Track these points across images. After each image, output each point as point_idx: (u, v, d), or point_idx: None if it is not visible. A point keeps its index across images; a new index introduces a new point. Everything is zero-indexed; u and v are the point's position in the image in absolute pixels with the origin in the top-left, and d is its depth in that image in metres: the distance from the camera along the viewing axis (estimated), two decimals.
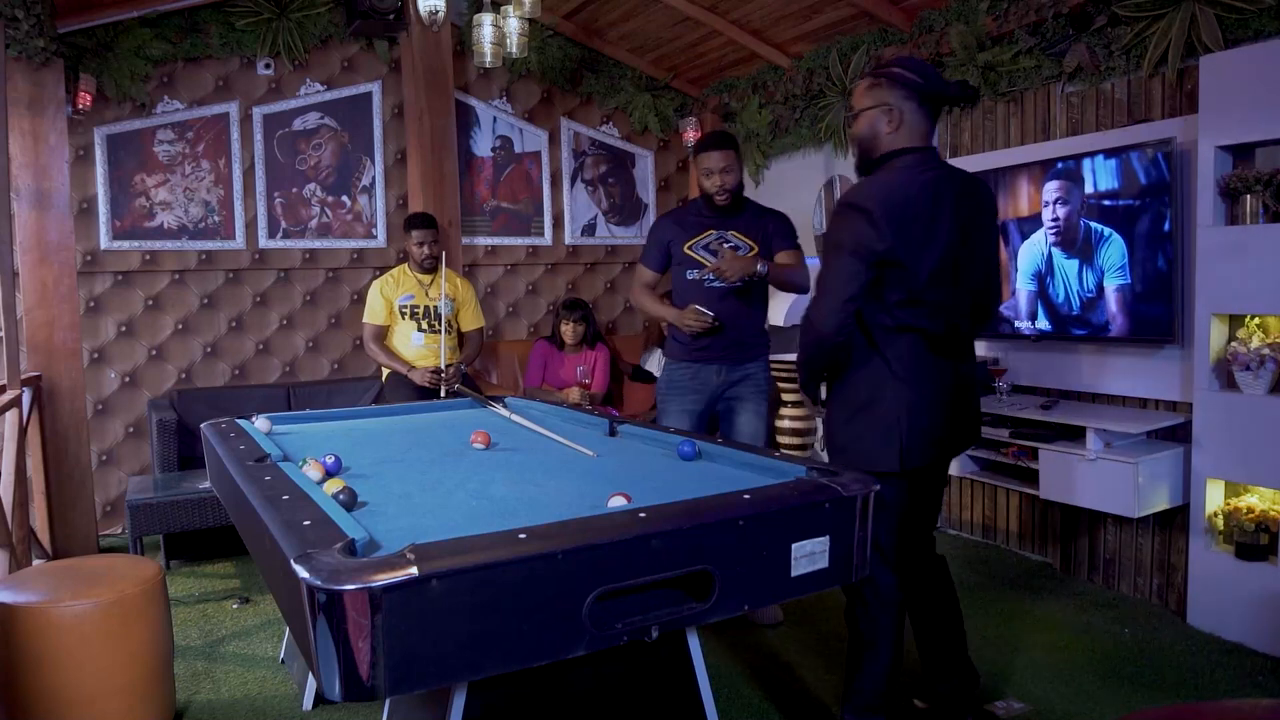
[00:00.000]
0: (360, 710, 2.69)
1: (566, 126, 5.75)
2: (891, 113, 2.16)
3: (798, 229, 3.47)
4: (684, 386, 3.32)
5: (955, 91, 2.23)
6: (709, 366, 3.26)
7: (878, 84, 2.19)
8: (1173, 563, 3.46)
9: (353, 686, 1.38)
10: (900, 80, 2.16)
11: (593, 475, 2.23)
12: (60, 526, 4.20)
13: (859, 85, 2.26)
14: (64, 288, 4.18)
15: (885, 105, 2.17)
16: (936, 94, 2.18)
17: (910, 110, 2.16)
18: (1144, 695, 2.75)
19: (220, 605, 3.65)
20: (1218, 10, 3.11)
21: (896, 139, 2.17)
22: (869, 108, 2.20)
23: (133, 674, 2.49)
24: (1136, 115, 3.50)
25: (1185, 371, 3.34)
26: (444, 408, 3.50)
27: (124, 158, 4.68)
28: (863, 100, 2.22)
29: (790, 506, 1.81)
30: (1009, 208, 3.87)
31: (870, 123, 2.20)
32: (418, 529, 1.76)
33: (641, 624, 1.62)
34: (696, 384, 3.30)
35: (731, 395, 3.31)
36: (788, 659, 3.03)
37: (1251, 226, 3.02)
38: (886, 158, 2.19)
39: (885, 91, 2.17)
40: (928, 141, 2.22)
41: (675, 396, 3.33)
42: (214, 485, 2.81)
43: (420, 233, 4.31)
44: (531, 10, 3.70)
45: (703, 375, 3.28)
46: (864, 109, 2.21)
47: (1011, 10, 3.76)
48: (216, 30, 4.71)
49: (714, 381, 3.28)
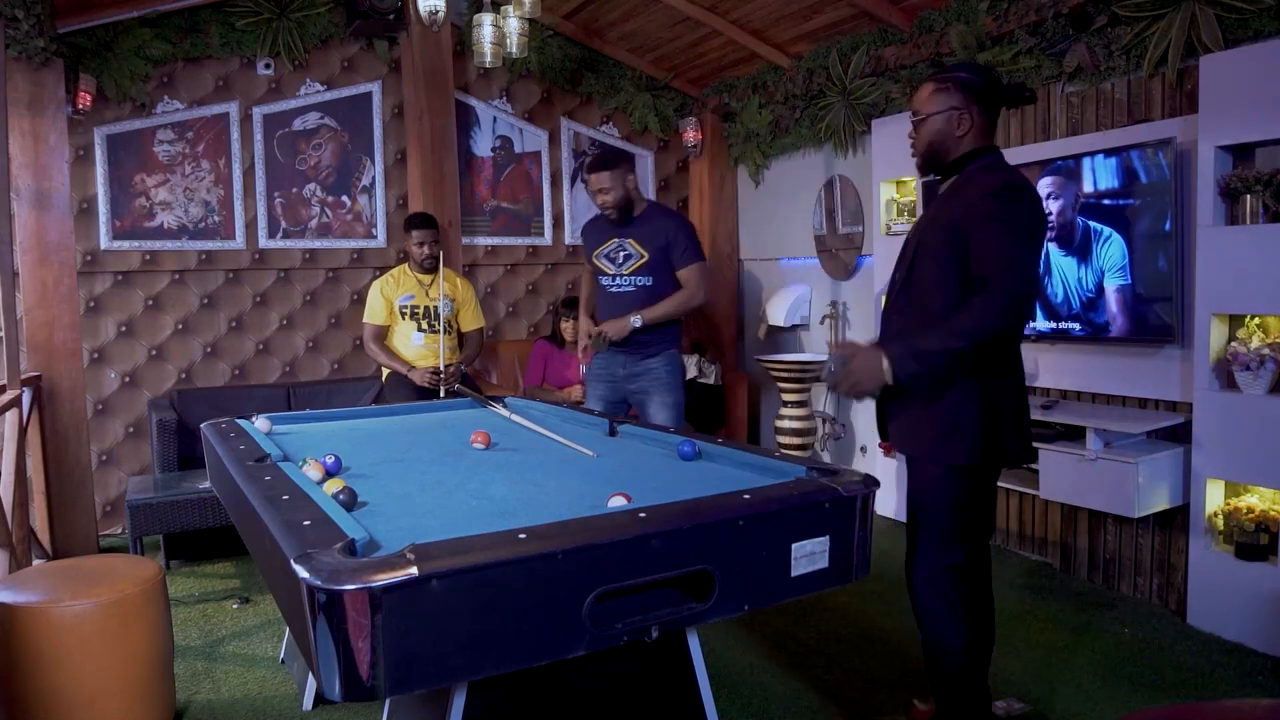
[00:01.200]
0: (360, 710, 2.69)
1: (566, 126, 5.75)
2: (962, 116, 2.24)
3: (797, 229, 3.48)
4: (598, 375, 3.70)
5: (1014, 94, 2.29)
6: (617, 357, 3.65)
7: (944, 88, 2.26)
8: (1173, 563, 3.46)
9: (353, 686, 1.38)
10: (967, 84, 2.24)
11: (593, 475, 2.23)
12: (60, 526, 4.20)
13: (923, 89, 2.31)
14: (64, 288, 4.18)
15: (954, 109, 2.24)
16: (996, 97, 2.26)
17: (977, 113, 2.24)
18: (1144, 695, 2.75)
19: (220, 605, 3.65)
20: (1218, 10, 3.10)
21: (972, 140, 2.25)
22: (938, 111, 2.26)
23: (133, 674, 2.49)
24: (1136, 115, 3.50)
25: (1185, 371, 3.34)
26: (444, 408, 3.50)
27: (124, 158, 4.68)
28: (931, 105, 2.28)
29: (790, 506, 1.81)
30: None
31: (941, 126, 2.27)
32: (418, 529, 1.76)
33: (641, 624, 1.62)
34: (607, 374, 3.68)
35: (637, 388, 3.65)
36: (788, 659, 3.03)
37: (1251, 226, 3.02)
38: (969, 157, 2.26)
39: (952, 95, 2.24)
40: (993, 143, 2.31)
41: (593, 383, 3.73)
42: (214, 485, 2.81)
43: (420, 233, 4.31)
44: (531, 10, 3.70)
45: (612, 366, 3.66)
46: (933, 113, 2.27)
47: (1011, 10, 3.76)
48: (216, 30, 4.71)
49: (620, 373, 3.65)
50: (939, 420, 2.21)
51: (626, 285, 3.62)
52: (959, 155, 2.26)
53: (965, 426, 2.18)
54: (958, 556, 2.26)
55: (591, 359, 3.67)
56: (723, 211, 5.92)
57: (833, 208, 5.14)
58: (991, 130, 2.29)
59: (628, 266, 3.60)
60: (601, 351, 3.61)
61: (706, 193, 5.87)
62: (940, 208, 2.28)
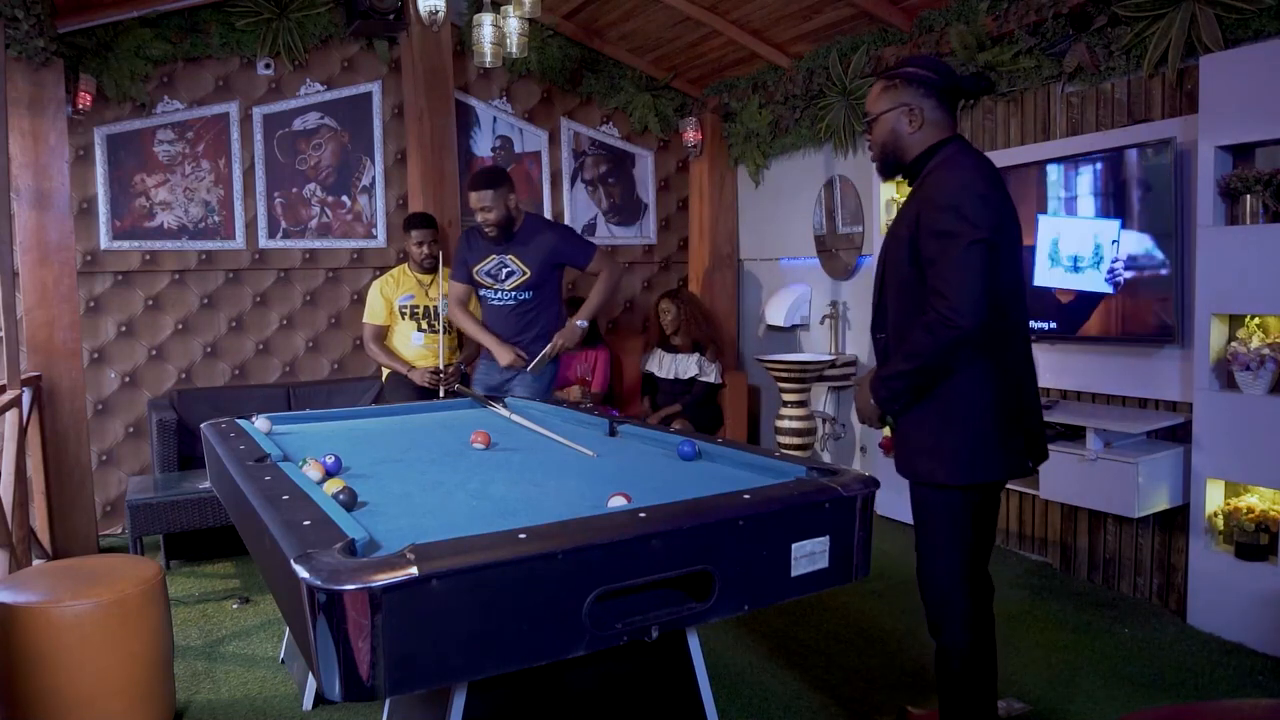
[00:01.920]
0: (360, 710, 2.69)
1: (566, 126, 5.75)
2: (912, 112, 2.13)
3: (797, 229, 3.48)
4: (481, 383, 3.89)
5: (970, 85, 2.20)
6: (496, 364, 3.83)
7: (892, 85, 2.16)
8: (1173, 563, 3.46)
9: (353, 686, 1.38)
10: (915, 79, 2.13)
11: (593, 475, 2.23)
12: (60, 526, 4.20)
13: (873, 89, 2.22)
14: (64, 288, 4.18)
15: (904, 105, 2.14)
16: (952, 88, 2.15)
17: (930, 107, 2.13)
18: (1144, 695, 2.75)
19: (220, 605, 3.65)
20: (1218, 10, 3.10)
21: (924, 137, 2.14)
22: (887, 110, 2.17)
23: (133, 674, 2.49)
24: (1136, 115, 3.50)
25: (1185, 371, 3.34)
26: (444, 408, 3.50)
27: (124, 158, 4.68)
28: (879, 104, 2.18)
29: (790, 506, 1.81)
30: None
31: (891, 125, 2.17)
32: (418, 529, 1.76)
33: (641, 624, 1.62)
34: (489, 380, 3.87)
35: (511, 384, 3.83)
36: (788, 659, 3.03)
37: (1251, 226, 3.02)
38: (928, 154, 2.14)
39: (901, 92, 2.14)
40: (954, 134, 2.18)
41: (478, 387, 3.87)
42: (214, 485, 2.81)
43: (420, 232, 4.32)
44: (531, 10, 3.70)
45: (492, 372, 3.87)
46: (882, 112, 2.18)
47: (1011, 10, 3.76)
48: (216, 30, 4.71)
49: (498, 378, 3.85)
50: (923, 441, 2.14)
51: (508, 300, 3.79)
52: (918, 154, 2.15)
53: (948, 446, 2.10)
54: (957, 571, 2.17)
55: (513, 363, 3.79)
56: (723, 211, 5.92)
57: (833, 208, 5.14)
58: (950, 124, 2.16)
59: (510, 282, 3.76)
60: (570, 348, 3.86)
61: (706, 193, 5.87)
62: (900, 220, 2.17)
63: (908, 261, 2.09)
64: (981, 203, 1.99)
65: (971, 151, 2.13)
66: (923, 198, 2.08)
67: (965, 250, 1.95)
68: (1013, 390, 2.13)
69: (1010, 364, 2.13)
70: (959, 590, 2.16)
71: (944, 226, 1.98)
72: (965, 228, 1.96)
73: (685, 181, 6.09)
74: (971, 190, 2.00)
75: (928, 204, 2.04)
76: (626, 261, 5.93)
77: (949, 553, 2.18)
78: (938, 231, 1.99)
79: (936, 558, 2.19)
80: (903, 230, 2.12)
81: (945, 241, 1.98)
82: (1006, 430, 2.11)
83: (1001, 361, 2.10)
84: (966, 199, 1.99)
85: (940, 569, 2.19)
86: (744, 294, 6.07)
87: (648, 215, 6.01)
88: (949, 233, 1.98)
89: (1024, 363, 2.20)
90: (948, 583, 2.18)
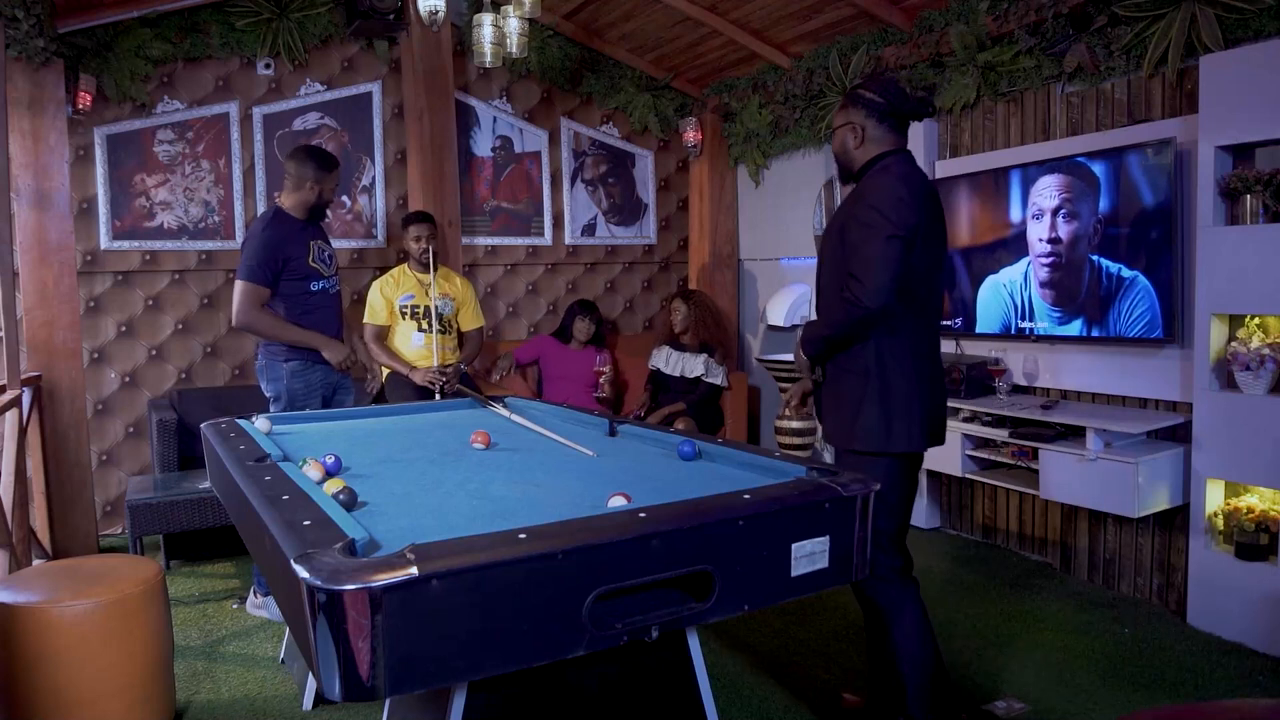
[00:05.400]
0: (360, 710, 2.69)
1: (566, 126, 5.75)
2: (855, 130, 2.40)
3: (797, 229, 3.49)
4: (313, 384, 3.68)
5: (912, 108, 2.41)
6: (320, 367, 3.60)
7: (845, 105, 2.44)
8: (1172, 563, 3.46)
9: (353, 686, 1.38)
10: (860, 100, 2.40)
11: (593, 475, 2.23)
12: (60, 526, 4.20)
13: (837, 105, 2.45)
14: (64, 288, 4.18)
15: (850, 124, 2.41)
16: (895, 110, 2.38)
17: (872, 126, 2.39)
18: (1144, 695, 2.75)
19: (220, 605, 3.65)
20: (1218, 10, 3.11)
21: (865, 151, 2.41)
22: (839, 126, 2.45)
23: (133, 674, 2.49)
24: (1136, 115, 3.50)
25: (1185, 371, 3.34)
26: (444, 408, 3.50)
27: (124, 158, 4.68)
28: (836, 120, 2.48)
29: (790, 506, 1.81)
30: (1009, 207, 3.86)
31: (841, 139, 2.45)
32: (418, 529, 1.76)
33: (641, 624, 1.62)
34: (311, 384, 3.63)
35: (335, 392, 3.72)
36: (788, 659, 3.03)
37: (1251, 226, 3.02)
38: (869, 164, 2.40)
39: (850, 111, 2.42)
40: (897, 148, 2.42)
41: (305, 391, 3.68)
42: (214, 485, 2.81)
43: (417, 227, 4.31)
44: (531, 10, 3.70)
45: (318, 374, 3.61)
46: (836, 127, 2.48)
47: (1011, 10, 3.76)
48: (216, 30, 4.71)
49: (323, 381, 3.66)
50: (842, 408, 2.40)
51: (335, 287, 3.68)
52: (862, 164, 2.41)
53: (863, 415, 2.35)
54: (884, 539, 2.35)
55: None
56: (723, 211, 5.92)
57: (833, 207, 5.14)
58: (892, 141, 2.39)
59: (333, 267, 3.69)
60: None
61: (706, 193, 5.87)
62: (837, 215, 2.44)
63: (839, 247, 2.37)
64: (901, 205, 2.26)
65: (906, 165, 2.38)
66: (855, 197, 2.38)
67: (884, 243, 2.23)
68: (921, 371, 2.38)
69: (925, 350, 2.40)
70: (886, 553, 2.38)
71: (866, 220, 2.27)
72: (885, 224, 2.24)
73: (685, 181, 6.09)
74: (894, 194, 2.27)
75: (859, 202, 2.33)
76: (627, 261, 5.94)
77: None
78: (861, 224, 2.28)
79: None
80: (837, 223, 2.42)
81: (866, 233, 2.26)
82: (908, 404, 2.34)
83: (917, 348, 2.37)
84: (889, 200, 2.26)
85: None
86: (744, 294, 6.07)
87: (648, 215, 6.01)
88: (869, 225, 2.26)
89: (934, 351, 2.46)
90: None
